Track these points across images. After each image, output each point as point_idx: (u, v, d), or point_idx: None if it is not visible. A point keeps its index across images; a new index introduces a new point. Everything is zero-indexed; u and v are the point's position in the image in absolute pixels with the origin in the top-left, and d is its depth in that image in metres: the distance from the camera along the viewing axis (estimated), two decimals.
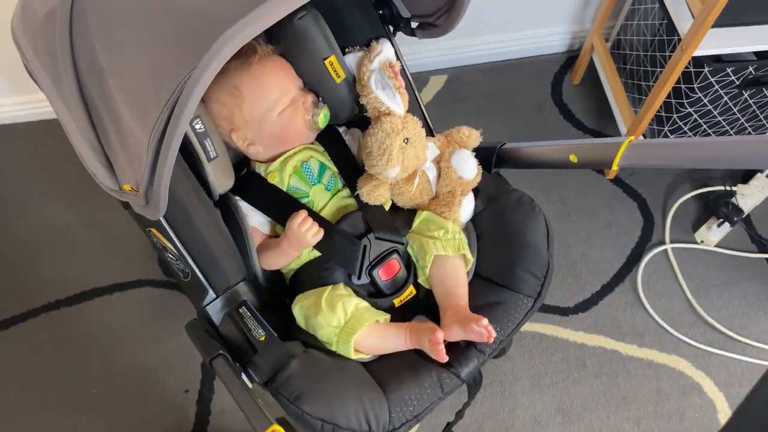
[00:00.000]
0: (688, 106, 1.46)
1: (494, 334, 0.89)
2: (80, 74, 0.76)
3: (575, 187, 1.72)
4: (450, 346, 0.93)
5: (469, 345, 0.95)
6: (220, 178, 0.95)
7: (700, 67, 1.37)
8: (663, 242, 1.64)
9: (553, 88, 1.88)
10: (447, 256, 0.99)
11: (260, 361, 0.87)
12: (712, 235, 1.63)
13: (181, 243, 0.91)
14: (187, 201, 0.90)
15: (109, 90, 0.72)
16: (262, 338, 0.88)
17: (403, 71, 1.04)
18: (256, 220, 1.01)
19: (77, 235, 1.61)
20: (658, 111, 1.52)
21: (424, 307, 1.01)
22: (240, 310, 0.91)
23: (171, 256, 0.94)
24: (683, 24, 1.35)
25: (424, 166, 1.01)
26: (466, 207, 1.03)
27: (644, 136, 1.61)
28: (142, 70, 0.67)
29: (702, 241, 1.64)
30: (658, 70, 1.49)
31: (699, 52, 1.33)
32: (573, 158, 0.92)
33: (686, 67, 1.39)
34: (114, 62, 0.71)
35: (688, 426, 1.41)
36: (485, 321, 0.89)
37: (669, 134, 1.56)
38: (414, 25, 1.03)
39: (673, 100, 1.48)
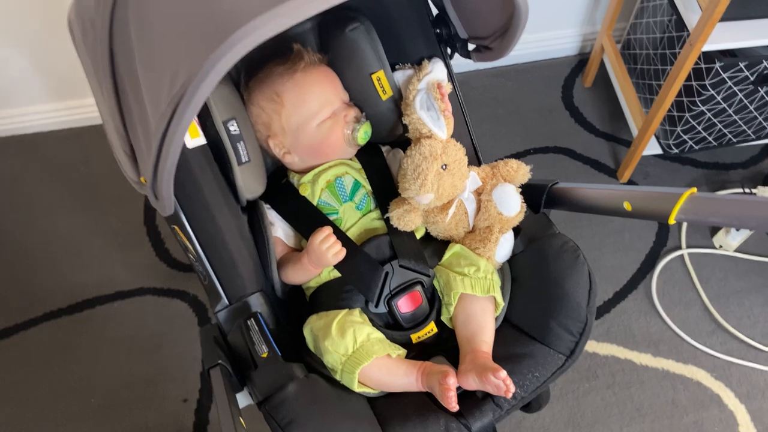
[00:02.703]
0: (700, 104, 1.42)
1: (513, 389, 0.81)
2: (115, 56, 0.75)
3: None
4: (465, 395, 0.86)
5: (486, 397, 0.87)
6: (249, 184, 0.94)
7: (711, 63, 1.32)
8: (679, 247, 1.59)
9: (564, 92, 1.87)
10: (475, 296, 0.92)
11: (258, 379, 0.83)
12: (731, 239, 1.56)
13: (201, 245, 0.90)
14: (212, 202, 0.89)
15: (137, 75, 0.71)
16: (264, 355, 0.84)
17: (453, 95, 0.98)
18: (281, 231, 0.98)
19: (81, 244, 1.63)
20: (670, 110, 1.49)
21: (446, 348, 0.94)
22: (249, 321, 0.88)
23: (191, 256, 0.93)
24: (692, 18, 1.30)
25: (462, 196, 0.95)
26: (504, 246, 0.96)
27: (656, 137, 1.58)
28: (163, 54, 0.65)
29: (720, 246, 1.57)
30: (669, 68, 1.45)
31: (709, 47, 1.29)
32: (627, 206, 0.83)
33: (697, 63, 1.35)
34: (143, 45, 0.70)
35: None
36: (504, 373, 0.81)
37: (682, 134, 1.52)
38: (471, 47, 0.98)
39: (684, 99, 1.44)
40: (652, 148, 1.61)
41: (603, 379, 1.41)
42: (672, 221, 0.76)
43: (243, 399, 0.89)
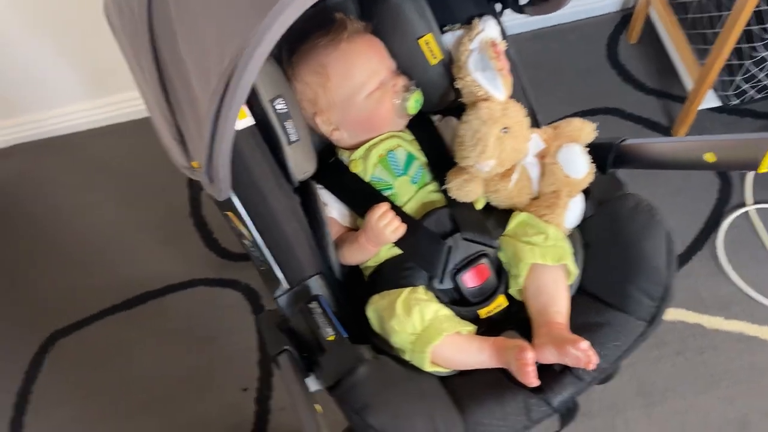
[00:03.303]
0: (762, 50, 1.34)
1: (595, 360, 0.77)
2: (156, 38, 0.73)
3: None
4: (543, 369, 0.82)
5: (565, 369, 0.83)
6: (300, 164, 0.91)
7: None
8: (744, 204, 1.51)
9: (609, 50, 1.79)
10: (546, 265, 0.87)
11: (326, 364, 0.80)
12: None
13: (256, 229, 0.87)
14: (264, 185, 0.86)
15: (181, 56, 0.68)
16: (331, 338, 0.82)
17: (508, 53, 0.93)
18: (336, 211, 0.95)
19: (129, 240, 1.65)
20: (729, 59, 1.40)
21: (516, 321, 0.90)
22: (311, 305, 0.85)
23: (247, 242, 0.90)
24: None
25: (525, 160, 0.91)
26: (573, 210, 0.91)
27: (714, 89, 1.52)
28: (206, 31, 0.63)
29: None
30: (725, 13, 1.35)
31: None
32: (710, 158, 0.77)
33: (757, 6, 1.27)
34: (185, 24, 0.67)
35: None
36: (586, 344, 0.77)
37: (742, 83, 1.45)
38: (524, 0, 0.92)
39: (744, 45, 1.36)
40: (708, 101, 1.53)
41: (672, 345, 1.36)
42: (764, 169, 0.70)
43: (311, 384, 0.86)
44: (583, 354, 0.76)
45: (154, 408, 1.41)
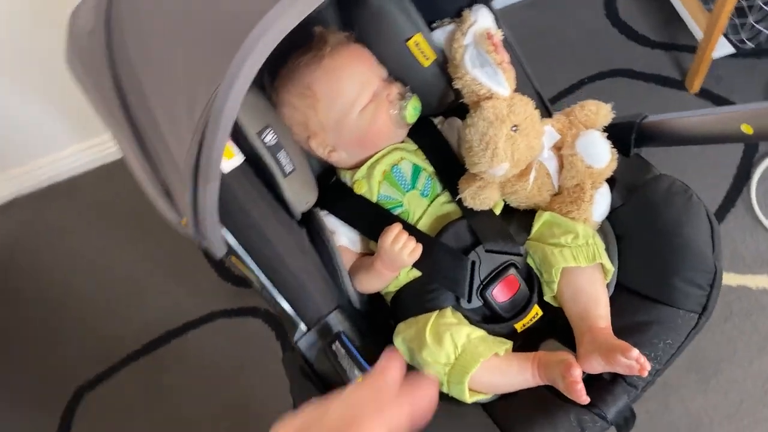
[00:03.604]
0: None
1: (648, 367, 0.73)
2: (124, 93, 0.67)
3: (657, 111, 1.53)
4: (591, 379, 0.78)
5: (617, 377, 0.79)
6: (300, 194, 0.86)
7: None
8: None
9: (607, 9, 1.73)
10: (579, 267, 0.83)
11: None
12: None
13: (263, 272, 0.83)
14: (264, 225, 0.82)
15: (153, 109, 0.63)
16: (360, 380, 0.76)
17: (506, 42, 0.86)
18: (345, 238, 0.90)
19: (142, 281, 1.63)
20: (739, 1, 1.33)
21: (555, 329, 0.86)
22: (333, 347, 0.81)
23: (256, 286, 0.86)
24: None
25: (541, 156, 0.85)
26: (600, 203, 0.86)
27: (725, 35, 1.45)
28: (175, 84, 0.57)
29: None
30: None
31: None
32: (747, 129, 0.71)
33: None
34: (151, 78, 0.62)
35: None
36: (635, 352, 0.72)
37: (755, 24, 1.38)
38: None
39: None
40: (721, 48, 1.46)
41: (718, 311, 1.28)
42: None
43: None
44: (634, 362, 0.72)
45: None
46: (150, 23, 0.64)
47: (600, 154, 0.83)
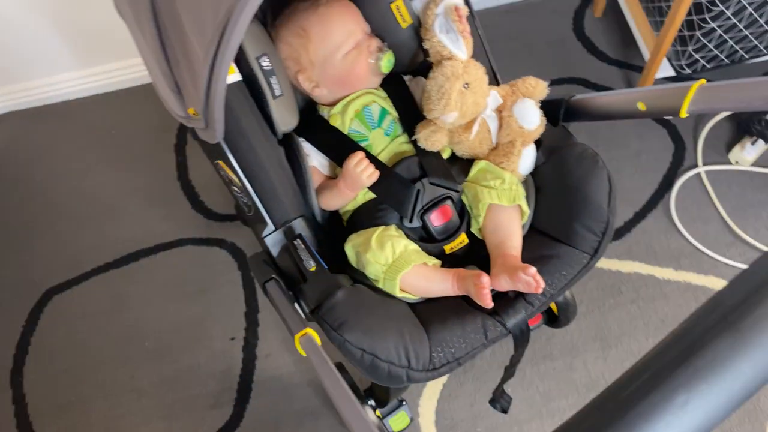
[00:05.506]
0: (710, 21, 1.43)
1: (542, 285, 0.86)
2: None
3: None
4: (498, 296, 0.91)
5: (518, 296, 0.93)
6: (284, 117, 0.99)
7: None
8: (695, 166, 1.62)
9: (575, 23, 1.89)
10: (502, 206, 0.97)
11: (308, 290, 0.90)
12: (747, 154, 1.60)
13: (245, 175, 0.95)
14: (251, 134, 0.94)
15: (177, 11, 0.76)
16: (312, 269, 0.91)
17: (470, 17, 1.02)
18: (316, 161, 1.04)
19: (120, 203, 1.71)
20: (680, 30, 1.50)
21: (477, 258, 0.99)
22: (295, 242, 0.95)
23: (236, 188, 0.99)
24: None
25: (484, 113, 1.00)
26: (526, 158, 1.01)
27: (668, 59, 1.61)
28: None
29: (736, 162, 1.61)
30: None
31: None
32: (641, 106, 0.87)
33: None
34: None
35: None
36: (533, 269, 0.86)
37: (693, 53, 1.54)
38: None
39: (694, 17, 1.45)
40: (664, 70, 1.63)
41: (627, 294, 1.46)
42: (684, 114, 0.81)
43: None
44: (531, 279, 0.85)
45: (149, 356, 1.50)
46: None
47: (531, 118, 0.97)
